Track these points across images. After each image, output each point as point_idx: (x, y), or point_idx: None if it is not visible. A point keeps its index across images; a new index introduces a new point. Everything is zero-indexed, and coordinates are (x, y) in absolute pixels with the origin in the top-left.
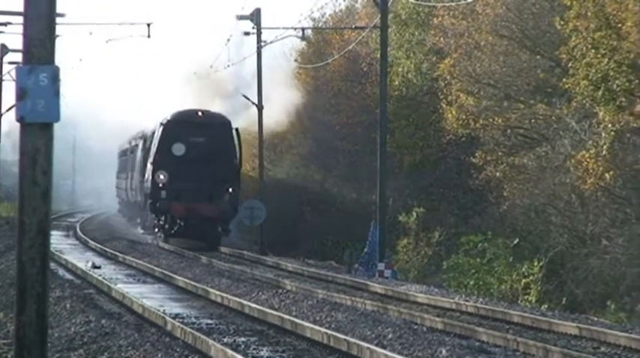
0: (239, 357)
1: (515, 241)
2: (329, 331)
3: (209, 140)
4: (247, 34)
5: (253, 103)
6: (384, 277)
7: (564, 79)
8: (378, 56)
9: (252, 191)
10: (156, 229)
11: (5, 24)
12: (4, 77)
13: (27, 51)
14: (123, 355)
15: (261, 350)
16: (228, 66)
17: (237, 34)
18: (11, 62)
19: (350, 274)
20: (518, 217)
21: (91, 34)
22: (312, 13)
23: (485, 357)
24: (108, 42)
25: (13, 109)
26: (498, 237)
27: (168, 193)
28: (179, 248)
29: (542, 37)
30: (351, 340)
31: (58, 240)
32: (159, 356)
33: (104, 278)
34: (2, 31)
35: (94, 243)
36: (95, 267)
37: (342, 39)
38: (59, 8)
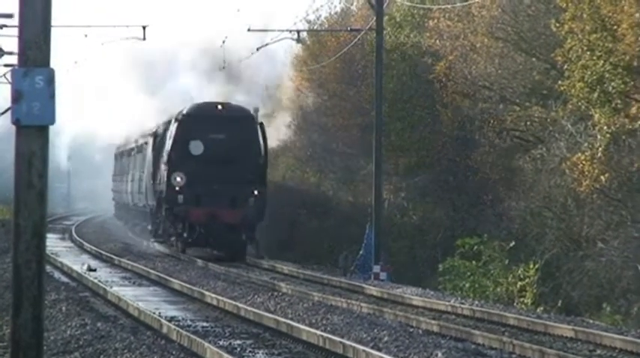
0: None
1: (511, 244)
2: (325, 334)
3: (231, 136)
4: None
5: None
6: (379, 280)
7: (560, 81)
8: (374, 58)
9: None
10: (171, 238)
11: (1, 26)
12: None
13: (22, 53)
14: None
15: (257, 353)
16: (224, 67)
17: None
18: (7, 65)
19: (345, 277)
20: (514, 220)
21: (86, 36)
22: (308, 15)
23: None
24: (103, 44)
25: (8, 112)
26: (494, 239)
27: (186, 197)
28: (196, 257)
29: (538, 39)
30: (347, 343)
31: (53, 242)
32: None
33: (100, 281)
34: None
35: (89, 246)
36: (91, 269)
37: (338, 41)
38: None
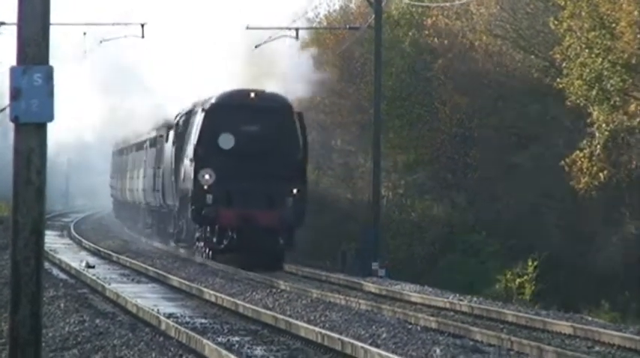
0: (233, 357)
1: (510, 241)
2: (323, 330)
3: (266, 129)
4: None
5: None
6: (378, 276)
7: (558, 79)
8: (372, 56)
9: None
10: (199, 243)
11: None
12: None
13: (21, 51)
14: (117, 354)
15: (255, 349)
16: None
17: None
18: None
19: (344, 273)
20: (513, 216)
21: (84, 34)
22: (307, 13)
23: (479, 356)
24: (101, 42)
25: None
26: (493, 236)
27: (216, 197)
28: (226, 264)
29: (537, 36)
30: (345, 339)
31: (52, 239)
32: (153, 355)
33: (98, 277)
34: None
35: (87, 243)
36: (89, 266)
37: (337, 39)
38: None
